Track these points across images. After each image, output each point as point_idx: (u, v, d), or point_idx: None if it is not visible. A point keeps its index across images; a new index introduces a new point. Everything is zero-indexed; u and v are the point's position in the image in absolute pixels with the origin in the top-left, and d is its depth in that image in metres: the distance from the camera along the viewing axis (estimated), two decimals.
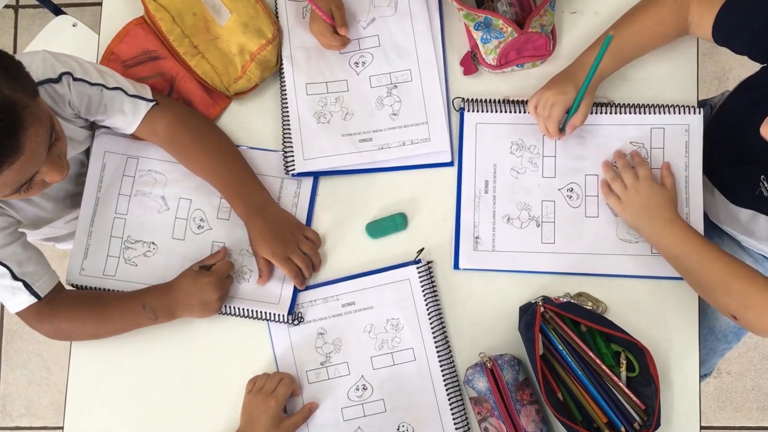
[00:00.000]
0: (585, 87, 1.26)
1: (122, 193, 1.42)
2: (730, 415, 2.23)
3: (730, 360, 2.24)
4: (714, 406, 2.23)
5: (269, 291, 1.38)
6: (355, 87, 1.44)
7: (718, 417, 2.23)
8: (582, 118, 1.31)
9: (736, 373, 2.25)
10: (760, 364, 2.25)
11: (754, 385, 2.24)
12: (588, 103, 1.31)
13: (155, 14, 1.41)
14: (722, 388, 2.25)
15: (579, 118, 1.31)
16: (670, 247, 1.30)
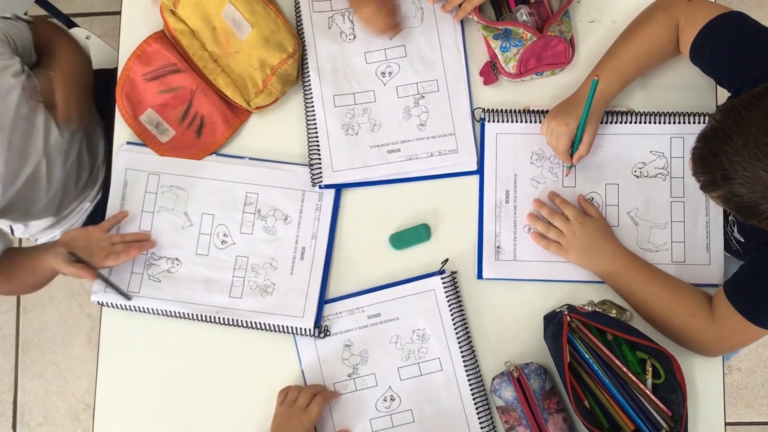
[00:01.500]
0: (582, 124, 1.28)
1: (145, 210, 1.41)
2: (742, 411, 2.23)
3: (741, 357, 2.24)
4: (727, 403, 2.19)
5: (294, 304, 1.37)
6: (383, 97, 1.42)
7: (730, 413, 2.23)
8: (587, 147, 1.32)
9: (747, 370, 2.25)
10: None
11: (765, 381, 2.24)
12: (592, 131, 1.31)
13: (175, 28, 1.39)
14: (733, 385, 2.25)
15: (584, 149, 1.32)
16: (617, 278, 1.32)
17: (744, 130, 0.97)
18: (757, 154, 0.95)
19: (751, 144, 0.95)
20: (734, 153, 0.97)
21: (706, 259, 1.35)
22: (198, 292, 1.38)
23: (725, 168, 0.98)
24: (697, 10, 1.28)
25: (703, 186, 1.05)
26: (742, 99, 1.00)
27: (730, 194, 1.00)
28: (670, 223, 1.36)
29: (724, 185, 1.00)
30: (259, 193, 1.41)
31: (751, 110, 0.98)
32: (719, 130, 1.00)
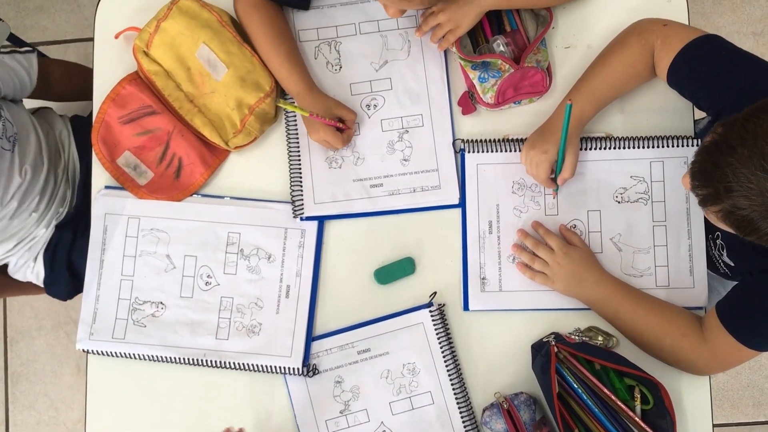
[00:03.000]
0: (562, 149, 1.26)
1: (127, 255, 1.37)
2: (728, 412, 2.23)
3: None
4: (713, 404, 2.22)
5: (281, 343, 1.34)
6: (367, 131, 1.39)
7: (716, 415, 2.23)
8: (571, 170, 1.30)
9: (732, 372, 2.24)
10: (754, 362, 2.25)
11: (749, 382, 2.24)
12: (573, 153, 1.29)
13: (149, 69, 1.36)
14: (719, 387, 2.25)
15: (568, 171, 1.29)
16: (605, 306, 1.31)
17: (749, 142, 0.94)
18: (763, 165, 0.92)
19: (757, 155, 0.92)
20: (739, 165, 0.94)
21: (690, 282, 1.34)
22: (184, 336, 1.35)
23: (729, 180, 0.95)
24: (672, 34, 1.26)
25: (704, 200, 1.01)
26: (745, 113, 0.98)
27: (733, 207, 0.96)
28: (653, 248, 1.35)
29: (726, 198, 0.96)
30: (242, 233, 1.37)
31: (755, 123, 0.95)
32: (722, 143, 0.97)
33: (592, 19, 1.40)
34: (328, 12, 1.40)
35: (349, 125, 1.36)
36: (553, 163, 1.29)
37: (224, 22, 1.34)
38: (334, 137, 1.33)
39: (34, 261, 1.60)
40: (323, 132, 1.33)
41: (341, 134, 1.35)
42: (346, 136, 1.36)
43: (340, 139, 1.34)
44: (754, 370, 2.25)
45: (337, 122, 1.34)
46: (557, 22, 1.40)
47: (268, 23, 1.33)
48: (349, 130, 1.36)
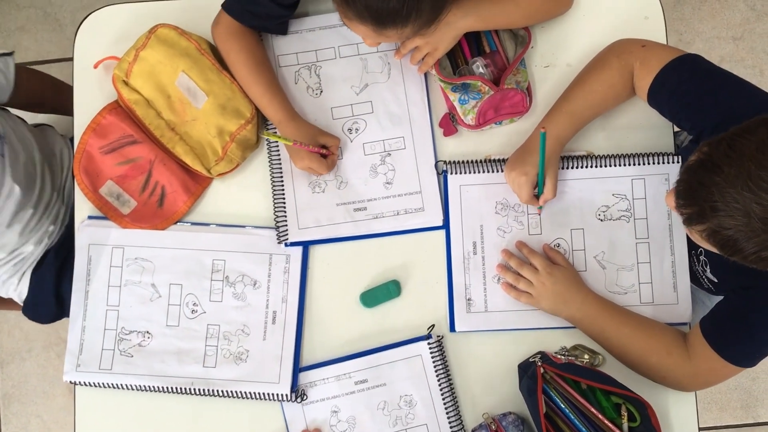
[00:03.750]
0: (541, 173, 1.26)
1: (112, 285, 1.36)
2: (716, 415, 2.24)
3: None
4: (700, 408, 2.22)
5: (269, 370, 1.33)
6: (349, 154, 1.38)
7: (705, 418, 2.23)
8: (552, 190, 1.29)
9: None
10: None
11: (737, 385, 2.24)
12: (553, 175, 1.28)
13: (129, 98, 1.34)
14: (706, 391, 2.24)
15: (549, 192, 1.29)
16: (590, 325, 1.30)
17: (735, 161, 0.93)
18: (749, 185, 0.91)
19: (743, 175, 0.91)
20: (725, 184, 0.93)
21: (674, 298, 1.33)
22: (171, 365, 1.34)
23: (714, 199, 0.94)
24: (652, 55, 1.26)
25: (688, 219, 1.00)
26: (730, 132, 0.97)
27: (718, 227, 0.95)
28: (636, 265, 1.34)
29: (712, 218, 0.95)
30: (226, 260, 1.36)
31: (741, 142, 0.94)
32: (708, 162, 0.96)
33: (571, 38, 1.40)
34: (307, 36, 1.39)
35: (333, 151, 1.35)
36: (534, 184, 1.29)
37: (203, 49, 1.33)
38: (318, 164, 1.32)
39: (19, 279, 1.58)
40: (308, 159, 1.32)
41: (325, 160, 1.34)
42: (330, 161, 1.35)
43: (325, 165, 1.33)
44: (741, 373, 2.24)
45: (320, 149, 1.33)
46: (536, 42, 1.39)
47: (247, 52, 1.32)
48: (333, 155, 1.35)
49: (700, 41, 2.33)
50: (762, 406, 2.23)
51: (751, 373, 2.24)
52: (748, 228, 0.92)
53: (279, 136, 1.31)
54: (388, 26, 1.10)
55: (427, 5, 1.09)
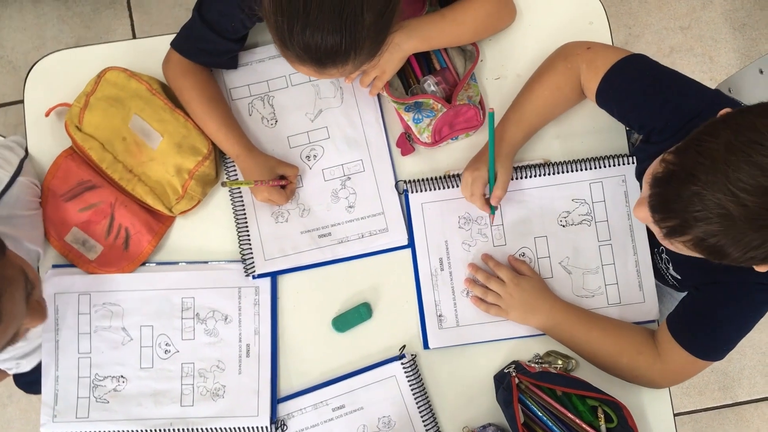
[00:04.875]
0: (491, 161, 1.25)
1: (82, 332, 1.34)
2: (696, 399, 2.26)
3: None
4: (680, 393, 2.25)
5: (247, 403, 1.32)
6: (309, 181, 1.37)
7: (685, 403, 2.25)
8: (503, 187, 1.28)
9: None
10: None
11: (713, 367, 2.26)
12: (504, 172, 1.27)
13: (83, 144, 1.32)
14: None
15: (500, 189, 1.28)
16: (559, 331, 1.31)
17: (710, 168, 0.90)
18: (729, 189, 0.88)
19: (721, 180, 0.89)
20: (705, 192, 0.90)
21: (640, 297, 1.34)
22: (149, 407, 1.32)
23: (697, 209, 0.91)
24: (597, 57, 1.26)
25: (670, 232, 0.97)
26: (693, 138, 0.95)
27: (705, 235, 0.93)
28: (601, 267, 1.35)
29: (695, 227, 0.92)
30: (195, 297, 1.35)
31: (709, 146, 0.91)
32: (681, 172, 0.94)
33: (519, 49, 1.40)
34: (257, 67, 1.38)
35: (292, 180, 1.34)
36: (485, 181, 1.28)
37: (154, 90, 1.32)
38: (278, 196, 1.32)
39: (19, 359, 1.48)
40: (267, 192, 1.31)
41: (284, 190, 1.33)
42: (289, 191, 1.34)
43: (284, 196, 1.32)
44: None
45: (279, 181, 1.32)
46: (484, 55, 1.40)
47: (200, 89, 1.31)
48: (292, 184, 1.34)
49: (650, 33, 2.36)
50: (739, 386, 2.26)
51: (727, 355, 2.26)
52: (734, 231, 0.90)
53: (240, 182, 1.30)
54: (329, 66, 1.09)
55: (367, 42, 1.08)
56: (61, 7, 2.40)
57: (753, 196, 0.88)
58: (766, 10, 2.36)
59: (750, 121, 0.91)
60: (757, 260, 0.95)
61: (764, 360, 2.27)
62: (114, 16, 2.40)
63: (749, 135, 0.89)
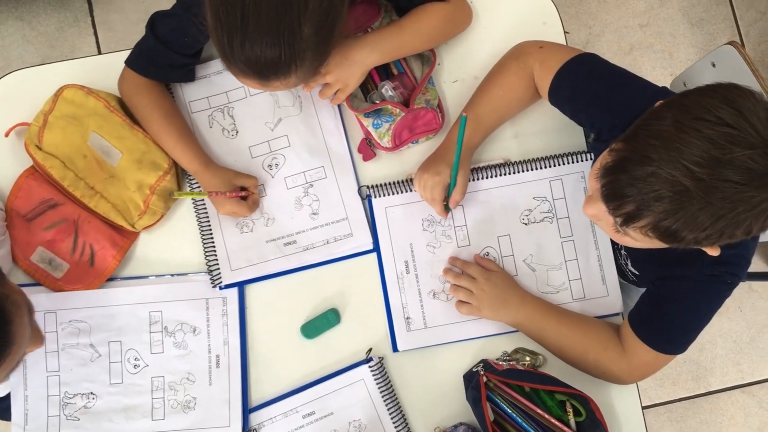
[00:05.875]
0: (456, 168, 1.25)
1: (49, 351, 1.32)
2: (669, 390, 2.27)
3: None
4: (654, 384, 2.26)
5: (218, 414, 1.31)
6: (272, 190, 1.37)
7: (660, 394, 2.27)
8: (461, 191, 1.28)
9: None
10: None
11: (685, 358, 2.28)
12: (464, 176, 1.28)
13: (44, 163, 1.31)
14: None
15: (459, 193, 1.28)
16: (530, 325, 1.31)
17: (662, 147, 0.91)
18: (683, 164, 0.89)
19: (674, 158, 0.90)
20: (661, 170, 0.90)
21: (603, 291, 1.35)
22: (119, 422, 1.31)
23: (656, 188, 0.91)
24: (549, 57, 1.27)
25: (627, 219, 0.96)
26: (639, 125, 0.96)
27: (661, 216, 0.92)
28: (564, 263, 1.35)
29: (651, 208, 0.93)
30: (163, 310, 1.34)
31: (658, 128, 0.93)
32: (632, 157, 0.94)
33: (475, 51, 1.41)
34: (215, 79, 1.37)
35: (252, 191, 1.34)
36: (446, 185, 1.28)
37: (112, 107, 1.31)
38: (240, 207, 1.31)
39: None
40: (229, 205, 1.30)
41: (246, 202, 1.32)
42: (252, 202, 1.33)
43: (246, 207, 1.32)
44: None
45: (239, 192, 1.31)
46: (442, 59, 1.40)
47: (155, 106, 1.30)
48: (254, 195, 1.34)
49: (609, 32, 2.38)
50: (712, 375, 2.28)
51: (697, 345, 2.26)
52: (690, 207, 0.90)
53: (194, 193, 1.30)
54: (271, 78, 1.09)
55: (308, 54, 1.08)
56: (24, 27, 2.38)
57: (707, 168, 0.88)
58: (722, 5, 2.39)
59: (694, 100, 0.93)
60: (710, 241, 0.96)
61: (735, 348, 2.29)
62: (78, 34, 2.38)
63: (695, 112, 0.91)
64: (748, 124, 0.89)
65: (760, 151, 0.88)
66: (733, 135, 0.88)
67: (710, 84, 0.96)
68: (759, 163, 0.88)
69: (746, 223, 0.92)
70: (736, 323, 2.29)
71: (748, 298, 2.29)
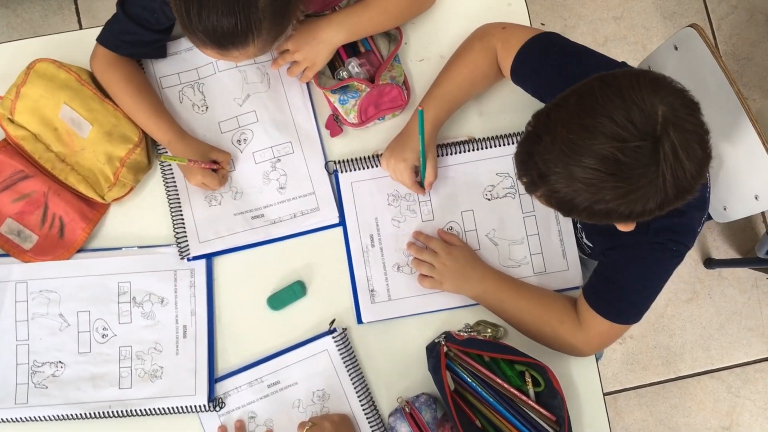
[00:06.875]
0: (422, 154, 1.28)
1: (19, 320, 1.33)
2: (640, 374, 2.29)
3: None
4: (625, 369, 2.28)
5: (184, 383, 1.32)
6: (241, 165, 1.38)
7: (630, 378, 2.28)
8: (433, 173, 1.32)
9: (638, 336, 2.30)
10: (657, 323, 2.31)
11: (656, 343, 2.30)
12: (432, 157, 1.31)
13: (15, 135, 1.32)
14: (628, 353, 2.30)
15: (431, 175, 1.32)
16: (490, 298, 1.33)
17: (551, 129, 0.97)
18: (563, 150, 0.95)
19: (558, 141, 0.95)
20: (545, 151, 0.97)
21: (564, 265, 1.37)
22: (87, 391, 1.32)
23: (540, 167, 0.98)
24: (511, 36, 1.29)
25: (527, 187, 1.05)
26: (550, 103, 1.01)
27: (549, 192, 1.00)
28: (526, 238, 1.37)
29: (542, 184, 0.99)
30: (131, 281, 1.35)
31: (556, 111, 0.98)
32: (532, 133, 1.01)
33: (441, 30, 1.42)
34: (186, 56, 1.39)
35: (224, 165, 1.35)
36: (413, 169, 1.31)
37: (83, 80, 1.32)
38: (211, 179, 1.32)
39: None
40: (200, 176, 1.31)
41: (217, 175, 1.34)
42: (221, 176, 1.35)
43: (217, 180, 1.33)
44: (658, 331, 2.31)
45: (211, 164, 1.33)
46: (408, 38, 1.42)
47: (126, 80, 1.31)
48: (224, 170, 1.35)
49: (584, 24, 2.40)
50: (681, 360, 2.30)
51: (667, 330, 2.30)
52: (573, 188, 0.96)
53: (174, 158, 1.31)
54: (230, 48, 1.11)
55: (265, 24, 1.10)
56: (9, 15, 2.39)
57: (590, 158, 0.93)
58: None
59: (589, 86, 0.97)
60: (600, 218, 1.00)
61: (705, 335, 2.31)
62: (62, 21, 2.39)
63: (590, 103, 0.95)
64: (627, 120, 0.91)
65: (633, 145, 0.91)
66: (613, 130, 0.92)
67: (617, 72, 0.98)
68: (628, 157, 0.92)
69: (621, 210, 0.96)
70: (706, 310, 2.31)
71: (717, 285, 2.31)
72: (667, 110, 0.91)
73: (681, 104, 0.93)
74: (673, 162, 0.92)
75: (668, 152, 0.91)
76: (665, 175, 0.92)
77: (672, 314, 2.31)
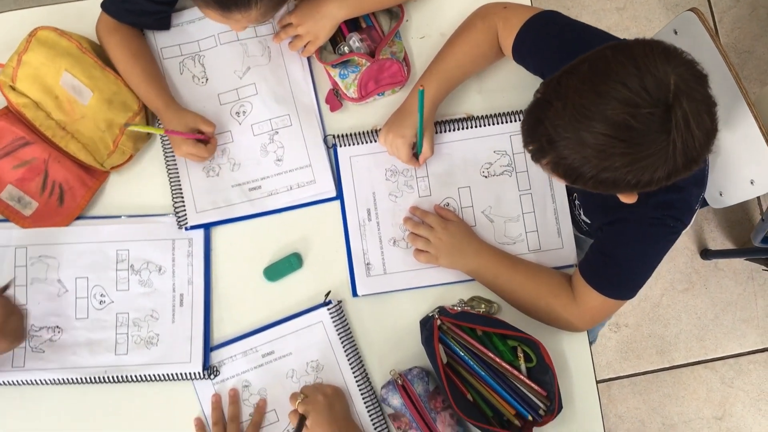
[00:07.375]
0: (420, 132, 1.28)
1: (18, 285, 1.34)
2: (634, 362, 2.29)
3: (626, 314, 2.30)
4: (619, 357, 2.28)
5: (180, 351, 1.33)
6: (239, 137, 1.39)
7: (624, 366, 2.29)
8: (430, 148, 1.32)
9: (633, 325, 2.31)
10: (652, 312, 2.31)
11: (650, 332, 2.31)
12: (429, 133, 1.32)
13: (17, 102, 1.32)
14: (623, 341, 2.30)
15: (428, 150, 1.32)
16: (485, 274, 1.33)
17: (562, 95, 0.97)
18: (574, 115, 0.94)
19: (569, 107, 0.95)
20: (555, 117, 0.97)
21: (559, 243, 1.37)
22: (84, 356, 1.33)
23: (549, 133, 0.98)
24: (512, 15, 1.30)
25: (534, 155, 1.04)
26: (560, 71, 1.01)
27: (558, 158, 0.99)
28: (522, 216, 1.37)
29: (550, 150, 0.99)
30: (130, 249, 1.36)
31: (567, 78, 0.98)
32: (541, 100, 1.01)
33: (443, 9, 1.43)
34: (187, 28, 1.39)
35: (209, 136, 1.35)
36: (411, 145, 1.32)
37: (84, 48, 1.32)
38: (197, 149, 1.33)
39: None
40: (185, 146, 1.32)
41: (205, 145, 1.34)
42: (211, 146, 1.35)
43: (204, 149, 1.33)
44: (653, 320, 2.31)
45: (195, 134, 1.33)
46: (410, 15, 1.42)
47: (124, 45, 1.32)
48: (213, 140, 1.36)
49: (587, 14, 2.40)
50: (675, 350, 2.30)
51: (662, 320, 2.31)
52: (582, 155, 0.96)
53: (147, 127, 1.31)
54: (233, 10, 1.12)
55: None
56: None
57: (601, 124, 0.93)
58: None
59: (602, 53, 0.96)
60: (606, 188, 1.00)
61: (699, 325, 2.31)
62: None
63: (602, 68, 0.94)
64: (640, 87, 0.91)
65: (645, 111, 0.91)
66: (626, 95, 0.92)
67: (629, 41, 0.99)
68: (639, 123, 0.91)
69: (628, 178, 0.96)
70: (701, 300, 2.31)
71: (713, 276, 2.31)
72: (678, 79, 0.91)
73: (691, 75, 0.93)
74: (684, 130, 0.92)
75: (680, 120, 0.91)
76: (675, 143, 0.92)
77: (667, 304, 2.31)
